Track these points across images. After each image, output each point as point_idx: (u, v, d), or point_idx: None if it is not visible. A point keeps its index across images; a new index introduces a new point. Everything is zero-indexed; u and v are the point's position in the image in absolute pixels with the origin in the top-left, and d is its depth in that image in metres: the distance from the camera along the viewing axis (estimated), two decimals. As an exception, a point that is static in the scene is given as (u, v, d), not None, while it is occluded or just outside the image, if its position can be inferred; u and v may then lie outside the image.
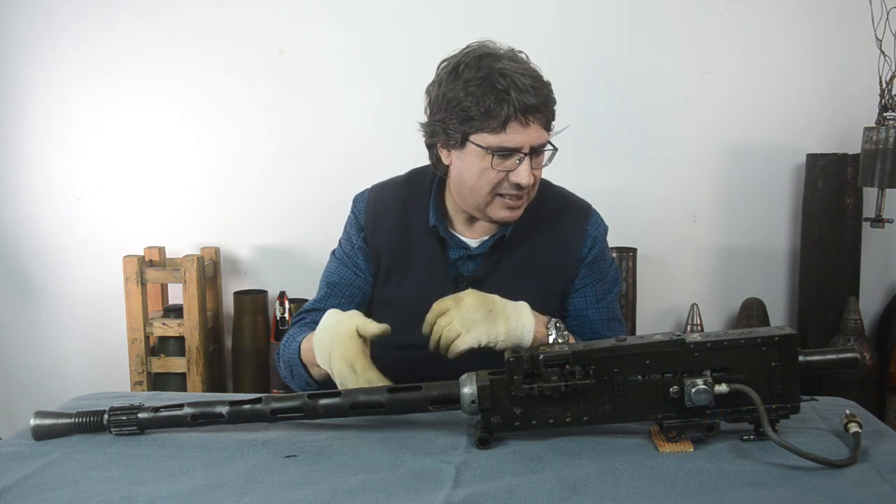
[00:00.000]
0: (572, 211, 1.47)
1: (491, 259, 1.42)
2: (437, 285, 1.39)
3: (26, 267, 2.84)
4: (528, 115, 1.26)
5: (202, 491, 0.93)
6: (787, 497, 0.89)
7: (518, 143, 1.28)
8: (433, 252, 1.43)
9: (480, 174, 1.31)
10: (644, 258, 2.64)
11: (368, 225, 1.47)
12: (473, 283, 1.39)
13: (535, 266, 1.42)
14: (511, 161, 1.29)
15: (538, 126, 1.29)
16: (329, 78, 2.69)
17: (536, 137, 1.30)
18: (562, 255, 1.43)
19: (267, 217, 2.78)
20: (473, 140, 1.29)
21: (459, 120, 1.29)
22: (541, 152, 1.33)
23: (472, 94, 1.27)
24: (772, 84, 2.63)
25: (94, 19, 2.69)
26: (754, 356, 1.03)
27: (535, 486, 0.93)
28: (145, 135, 2.75)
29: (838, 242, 2.51)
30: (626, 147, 2.69)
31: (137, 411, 1.11)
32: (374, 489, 0.93)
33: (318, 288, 1.51)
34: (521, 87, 1.25)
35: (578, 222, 1.45)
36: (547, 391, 1.04)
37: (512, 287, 1.35)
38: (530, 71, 1.30)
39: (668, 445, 1.04)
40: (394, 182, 1.52)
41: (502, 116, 1.25)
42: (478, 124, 1.28)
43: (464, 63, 1.30)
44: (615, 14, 2.63)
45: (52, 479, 0.97)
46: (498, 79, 1.25)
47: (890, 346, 2.56)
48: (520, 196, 1.33)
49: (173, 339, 2.64)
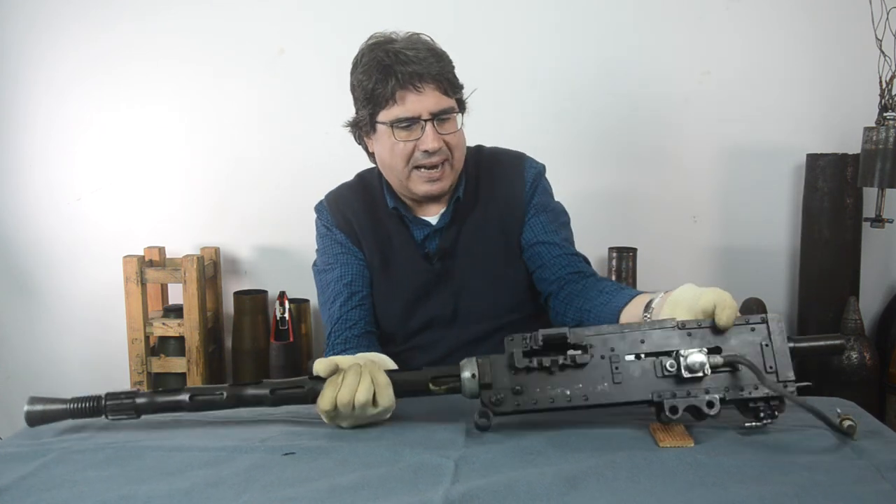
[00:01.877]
0: (507, 163, 1.52)
1: (451, 230, 1.46)
2: (413, 267, 1.45)
3: (26, 267, 2.84)
4: (416, 82, 1.32)
5: (200, 489, 0.93)
6: (787, 493, 0.89)
7: (414, 111, 1.34)
8: (402, 237, 1.47)
9: (392, 150, 1.37)
10: (644, 258, 2.64)
11: (340, 223, 1.50)
12: (441, 255, 1.46)
13: (492, 223, 1.47)
14: (415, 130, 1.35)
15: (433, 91, 1.34)
16: (329, 78, 2.69)
17: (435, 103, 1.34)
18: (510, 204, 1.48)
19: (267, 217, 2.78)
20: (378, 120, 1.36)
21: (363, 104, 1.37)
22: (447, 118, 1.37)
23: (365, 76, 1.35)
24: (772, 84, 2.63)
25: (94, 19, 2.69)
26: (744, 335, 1.06)
27: (534, 480, 0.93)
28: (145, 135, 2.75)
29: (838, 242, 2.51)
30: (626, 147, 2.69)
31: (135, 396, 1.11)
32: (373, 485, 0.93)
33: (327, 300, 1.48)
34: (405, 59, 1.32)
35: (515, 170, 1.50)
36: (546, 363, 1.05)
37: (477, 249, 1.45)
38: (423, 45, 1.36)
39: (668, 440, 1.03)
40: (346, 185, 1.57)
41: (389, 87, 1.32)
42: (375, 102, 1.35)
43: (361, 53, 1.39)
44: (615, 14, 2.63)
45: (49, 479, 0.97)
46: (383, 57, 1.33)
47: (890, 346, 2.56)
48: (435, 165, 1.37)
49: (173, 339, 2.64)
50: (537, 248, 1.47)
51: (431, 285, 1.47)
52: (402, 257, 1.47)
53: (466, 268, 1.47)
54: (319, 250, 1.54)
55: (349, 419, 1.10)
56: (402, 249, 1.47)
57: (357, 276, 1.47)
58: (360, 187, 1.54)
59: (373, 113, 1.37)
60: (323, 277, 1.50)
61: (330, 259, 1.50)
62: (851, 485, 0.91)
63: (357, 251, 1.48)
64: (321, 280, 1.51)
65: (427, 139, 1.34)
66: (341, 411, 1.08)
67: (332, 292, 1.47)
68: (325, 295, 1.49)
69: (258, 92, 2.71)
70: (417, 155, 1.36)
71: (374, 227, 1.49)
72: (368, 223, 1.49)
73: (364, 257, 1.48)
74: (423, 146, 1.35)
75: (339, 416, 1.10)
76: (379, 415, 1.11)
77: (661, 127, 2.68)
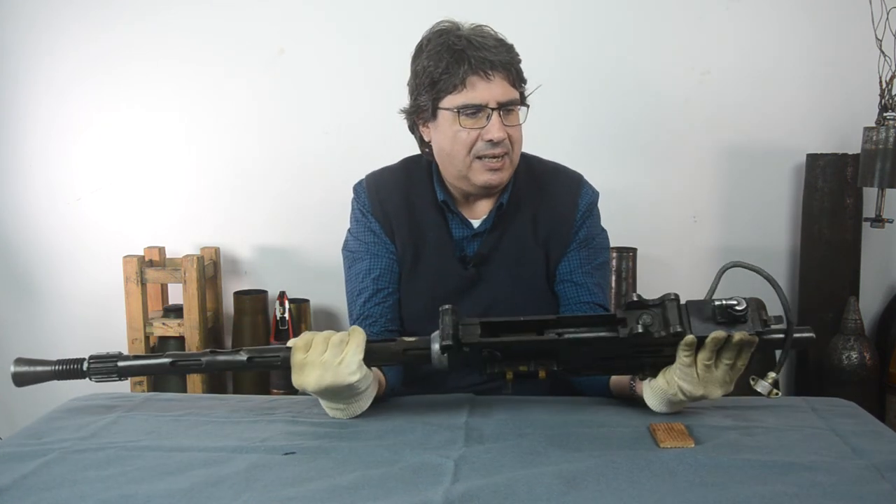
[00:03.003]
0: (563, 182, 1.48)
1: (492, 236, 1.42)
2: (447, 267, 1.41)
3: (26, 267, 2.84)
4: (487, 69, 1.30)
5: (200, 489, 0.93)
6: (787, 493, 0.89)
7: (482, 98, 1.31)
8: (440, 233, 1.43)
9: (454, 138, 1.33)
10: (644, 258, 2.64)
11: (377, 210, 1.45)
12: (479, 260, 1.41)
13: (535, 238, 1.43)
14: (480, 119, 1.31)
15: (502, 81, 1.32)
16: (329, 78, 2.69)
17: (502, 93, 1.32)
18: (557, 226, 1.44)
19: (267, 217, 2.78)
20: (442, 105, 1.33)
21: (426, 89, 1.34)
22: (512, 109, 1.35)
23: (432, 60, 1.32)
24: (772, 84, 2.63)
25: (94, 19, 2.69)
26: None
27: (534, 480, 0.93)
28: (145, 135, 2.75)
29: (838, 242, 2.51)
30: (626, 147, 2.69)
31: (117, 359, 1.11)
32: (373, 485, 0.93)
33: (353, 292, 1.46)
34: (478, 45, 1.30)
35: (570, 192, 1.46)
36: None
37: (515, 261, 1.41)
38: (491, 34, 1.35)
39: (669, 440, 1.03)
40: (389, 169, 1.51)
41: (460, 73, 1.30)
42: (442, 86, 1.32)
43: (426, 39, 1.37)
44: (615, 14, 2.63)
45: (50, 479, 0.97)
46: (454, 41, 1.31)
47: (890, 346, 2.56)
48: (497, 155, 1.33)
49: (173, 339, 2.64)
50: (567, 284, 1.44)
51: (463, 290, 1.42)
52: (436, 256, 1.43)
53: (502, 277, 1.42)
54: (352, 231, 1.48)
55: (317, 368, 1.08)
56: (437, 247, 1.43)
57: (385, 271, 1.43)
58: (404, 174, 1.48)
59: (437, 98, 1.33)
60: (352, 266, 1.47)
61: (361, 247, 1.45)
62: (851, 485, 0.91)
63: (389, 243, 1.44)
64: (350, 268, 1.47)
65: (493, 128, 1.31)
66: (313, 346, 1.08)
67: (359, 286, 1.44)
68: (351, 284, 1.46)
69: (258, 92, 2.71)
70: (480, 145, 1.32)
71: (411, 219, 1.44)
72: (405, 214, 1.44)
73: (396, 250, 1.44)
74: (488, 135, 1.31)
75: (308, 363, 1.09)
76: (348, 371, 1.08)
77: (661, 127, 2.68)
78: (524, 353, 1.06)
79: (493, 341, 1.05)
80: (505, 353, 1.06)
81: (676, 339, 1.03)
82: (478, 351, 1.05)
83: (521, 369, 1.07)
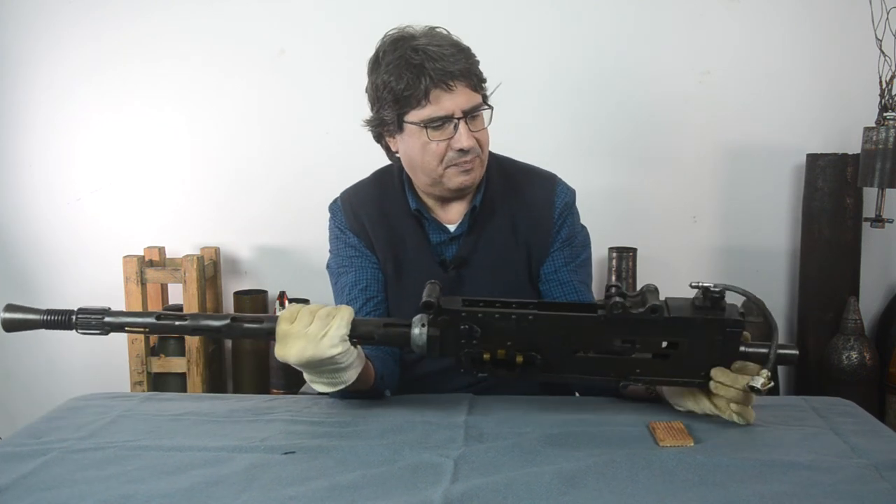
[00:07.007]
0: (537, 182, 1.48)
1: (470, 238, 1.43)
2: (428, 272, 1.41)
3: (26, 267, 2.84)
4: (448, 80, 1.30)
5: (200, 489, 0.93)
6: (786, 492, 0.89)
7: (447, 109, 1.31)
8: (418, 240, 1.44)
9: (424, 150, 1.34)
10: (644, 258, 2.64)
11: (353, 225, 1.46)
12: (458, 264, 1.42)
13: (515, 239, 1.44)
14: (448, 129, 1.32)
15: (464, 88, 1.32)
16: (329, 78, 2.69)
17: (466, 100, 1.32)
18: (535, 226, 1.44)
19: (267, 217, 2.78)
20: (408, 120, 1.33)
21: (390, 104, 1.34)
22: (476, 114, 1.35)
23: (392, 76, 1.32)
24: (772, 84, 2.63)
25: (94, 19, 2.69)
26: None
27: (533, 479, 0.93)
28: (145, 135, 2.75)
29: (838, 242, 2.51)
30: (626, 147, 2.69)
31: (104, 315, 1.11)
32: (373, 484, 0.93)
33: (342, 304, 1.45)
34: (435, 56, 1.30)
35: (546, 191, 1.46)
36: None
37: (496, 263, 1.42)
38: (445, 40, 1.34)
39: (668, 439, 1.03)
40: (361, 184, 1.53)
41: (422, 87, 1.29)
42: (405, 102, 1.32)
43: (381, 51, 1.37)
44: (615, 14, 2.63)
45: (49, 479, 0.97)
46: (411, 55, 1.31)
47: (890, 346, 2.56)
48: (468, 160, 1.35)
49: (173, 339, 2.64)
50: (552, 283, 1.44)
51: (445, 293, 1.44)
52: (417, 262, 1.44)
53: (483, 279, 1.43)
54: (333, 252, 1.51)
55: (301, 340, 1.07)
56: (416, 254, 1.44)
57: (372, 281, 1.45)
58: (377, 186, 1.50)
59: (401, 113, 1.34)
60: (338, 280, 1.48)
61: (344, 262, 1.47)
62: (851, 484, 0.91)
63: (370, 255, 1.46)
64: (336, 283, 1.49)
65: (461, 138, 1.32)
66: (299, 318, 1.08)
67: (348, 298, 1.45)
68: (339, 298, 1.47)
69: (259, 92, 2.71)
70: (451, 154, 1.33)
71: (388, 229, 1.45)
72: (382, 226, 1.45)
73: (378, 261, 1.46)
74: (458, 145, 1.32)
75: (292, 334, 1.08)
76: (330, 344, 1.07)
77: (661, 127, 2.68)
78: (502, 334, 1.06)
79: (473, 310, 1.07)
80: (483, 331, 1.06)
81: (654, 316, 1.03)
82: (456, 330, 1.06)
83: (500, 353, 1.07)
